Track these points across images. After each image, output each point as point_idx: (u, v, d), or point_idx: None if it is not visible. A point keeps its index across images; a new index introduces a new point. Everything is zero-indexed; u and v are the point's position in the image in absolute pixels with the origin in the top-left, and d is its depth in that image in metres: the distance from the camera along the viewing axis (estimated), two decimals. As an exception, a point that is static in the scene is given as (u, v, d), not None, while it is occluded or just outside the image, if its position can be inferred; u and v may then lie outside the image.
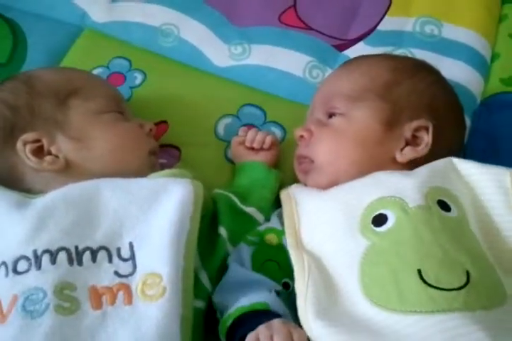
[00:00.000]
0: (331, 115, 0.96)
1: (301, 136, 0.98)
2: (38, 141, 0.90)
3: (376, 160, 0.90)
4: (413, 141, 0.93)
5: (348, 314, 0.74)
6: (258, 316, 0.76)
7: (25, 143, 0.89)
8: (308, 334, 0.74)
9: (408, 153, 0.91)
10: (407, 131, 0.92)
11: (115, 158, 0.93)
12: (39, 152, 0.90)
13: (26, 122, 0.91)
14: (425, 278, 0.72)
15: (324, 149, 0.94)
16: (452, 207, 0.82)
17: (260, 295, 0.80)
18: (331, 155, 0.93)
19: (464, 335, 0.67)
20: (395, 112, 0.93)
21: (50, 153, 0.90)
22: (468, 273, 0.73)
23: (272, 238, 0.91)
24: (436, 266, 0.74)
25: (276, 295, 0.81)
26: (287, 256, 0.86)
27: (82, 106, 0.94)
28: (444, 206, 0.81)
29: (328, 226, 0.85)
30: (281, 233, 0.91)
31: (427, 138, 0.92)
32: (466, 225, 0.81)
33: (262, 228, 0.93)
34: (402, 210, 0.80)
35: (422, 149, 0.92)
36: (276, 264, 0.88)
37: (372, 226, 0.80)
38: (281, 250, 0.89)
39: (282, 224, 0.91)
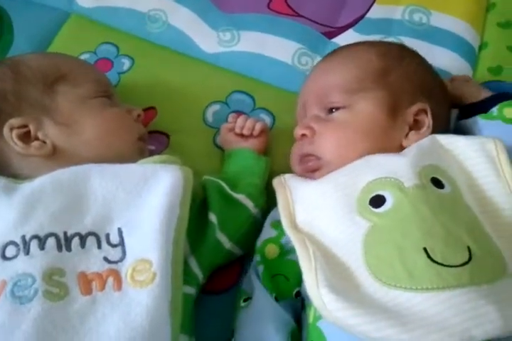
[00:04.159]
0: (330, 110, 0.95)
1: (303, 135, 0.96)
2: (24, 126, 0.89)
3: (385, 149, 0.89)
4: (415, 125, 0.93)
5: (359, 293, 0.75)
6: None
7: (11, 129, 0.89)
8: (322, 310, 0.74)
9: (412, 138, 0.92)
10: (409, 116, 0.93)
11: (103, 143, 0.93)
12: (26, 137, 0.89)
13: (13, 107, 0.90)
14: (432, 256, 0.73)
15: (332, 144, 0.92)
16: (445, 183, 0.82)
17: None
18: (340, 149, 0.91)
19: (473, 310, 0.69)
20: (394, 99, 0.93)
21: (37, 139, 0.89)
22: (469, 249, 0.74)
23: (271, 249, 0.91)
24: (440, 244, 0.74)
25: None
26: (290, 265, 0.87)
27: (70, 91, 0.94)
28: (437, 183, 0.82)
29: (325, 210, 0.85)
30: (277, 238, 0.91)
31: (427, 121, 0.93)
32: (460, 200, 0.82)
33: (259, 244, 0.93)
34: (399, 190, 0.80)
35: (425, 132, 0.92)
36: (283, 277, 0.88)
37: (370, 207, 0.81)
38: (282, 261, 0.89)
39: (275, 228, 0.92)
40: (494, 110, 0.97)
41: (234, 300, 0.91)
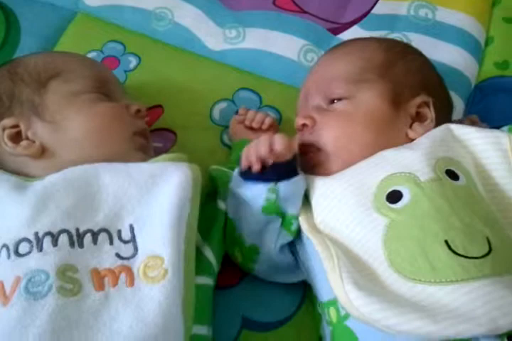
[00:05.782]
0: (332, 100, 0.95)
1: (303, 125, 0.95)
2: (16, 126, 0.90)
3: (388, 140, 0.90)
4: (417, 117, 0.93)
5: (384, 289, 0.75)
6: None
7: (4, 129, 0.89)
8: (348, 307, 0.74)
9: (418, 130, 0.91)
10: (412, 107, 0.93)
11: (93, 140, 0.90)
12: (17, 137, 0.89)
13: (5, 108, 0.91)
14: (453, 248, 0.73)
15: (334, 134, 0.92)
16: (460, 175, 0.83)
17: None
18: (341, 140, 0.91)
19: (497, 300, 0.69)
20: (396, 91, 0.93)
21: (27, 138, 0.89)
22: (488, 240, 0.75)
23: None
24: (461, 236, 0.75)
25: None
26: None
27: (60, 87, 0.92)
28: (452, 175, 0.82)
29: (342, 209, 0.84)
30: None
31: (430, 114, 0.93)
32: (475, 191, 0.83)
33: None
34: (415, 185, 0.80)
35: (429, 124, 0.92)
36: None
37: (387, 203, 0.81)
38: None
39: None
40: (505, 128, 0.95)
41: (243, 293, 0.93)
